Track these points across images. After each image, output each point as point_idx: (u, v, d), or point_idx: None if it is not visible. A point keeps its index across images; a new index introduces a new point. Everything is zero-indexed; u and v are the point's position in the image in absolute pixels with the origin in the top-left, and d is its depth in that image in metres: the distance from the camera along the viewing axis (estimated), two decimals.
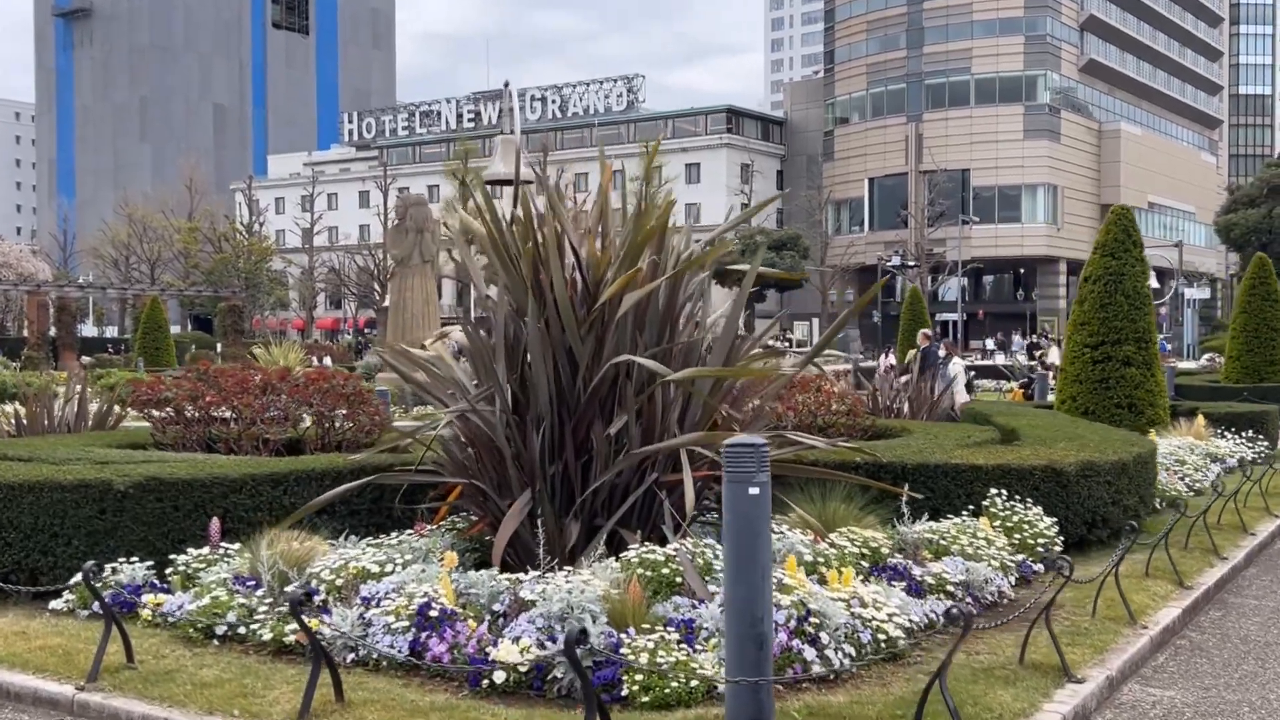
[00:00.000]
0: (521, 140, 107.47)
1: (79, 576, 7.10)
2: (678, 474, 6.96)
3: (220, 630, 6.34)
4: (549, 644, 5.48)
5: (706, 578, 6.30)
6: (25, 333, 62.10)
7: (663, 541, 6.79)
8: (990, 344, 68.09)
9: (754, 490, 4.58)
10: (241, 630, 6.33)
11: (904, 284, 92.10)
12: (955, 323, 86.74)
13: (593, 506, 6.96)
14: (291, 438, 9.85)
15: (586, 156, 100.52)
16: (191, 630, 6.39)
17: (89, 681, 5.67)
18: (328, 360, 44.45)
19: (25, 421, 11.33)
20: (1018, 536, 7.85)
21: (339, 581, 6.57)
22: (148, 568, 7.18)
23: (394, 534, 7.77)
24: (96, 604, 6.88)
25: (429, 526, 7.64)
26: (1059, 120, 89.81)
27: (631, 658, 5.20)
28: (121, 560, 7.25)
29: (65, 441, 9.70)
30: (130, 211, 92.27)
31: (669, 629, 5.58)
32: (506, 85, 27.42)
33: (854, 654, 5.64)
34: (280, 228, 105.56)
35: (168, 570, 7.23)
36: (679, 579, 6.21)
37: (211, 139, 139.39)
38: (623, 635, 5.47)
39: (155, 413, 9.88)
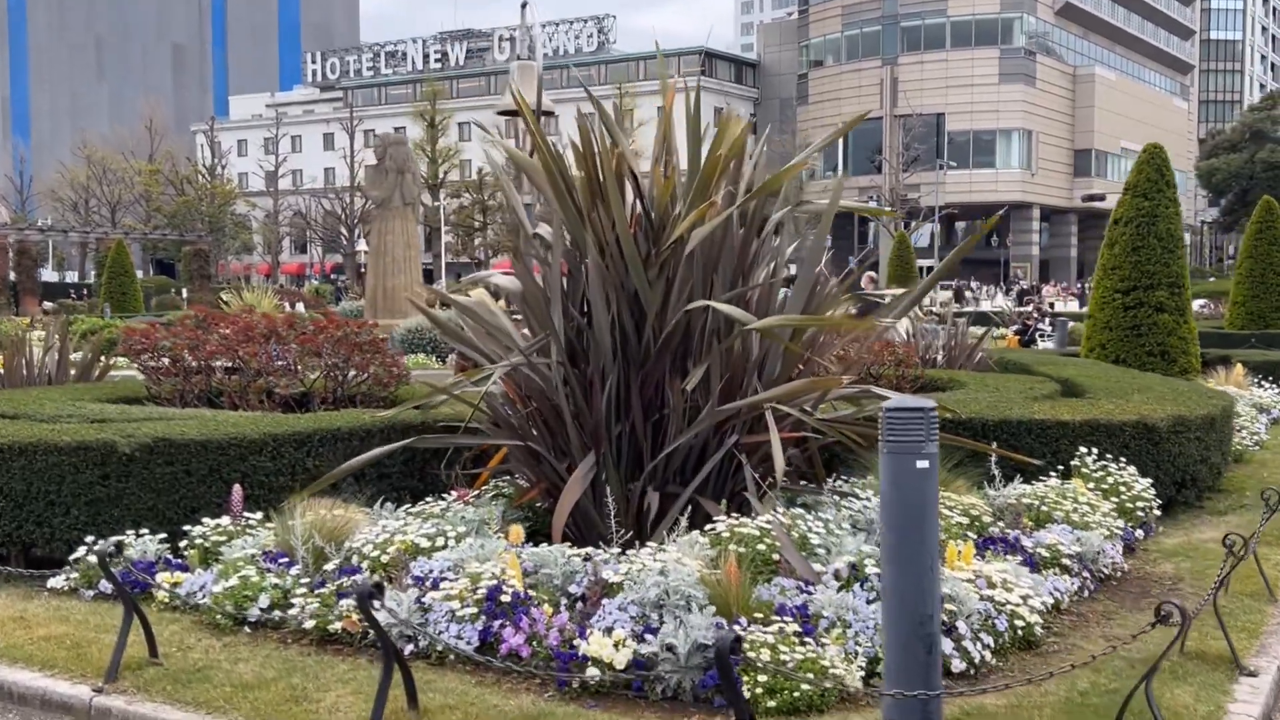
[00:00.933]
0: (491, 81, 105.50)
1: (81, 550, 6.29)
2: (759, 435, 6.21)
3: (252, 616, 5.54)
4: (649, 637, 4.73)
5: (805, 553, 5.57)
6: None
7: (741, 512, 6.06)
8: (980, 289, 67.42)
9: (922, 464, 3.83)
10: (276, 615, 5.54)
11: (876, 229, 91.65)
12: (931, 269, 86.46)
13: (665, 472, 6.20)
14: (298, 392, 8.99)
15: (558, 99, 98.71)
16: (219, 616, 5.58)
17: (107, 681, 4.86)
18: (300, 306, 43.25)
19: (3, 372, 10.39)
20: (1114, 500, 7.18)
21: (384, 558, 5.78)
22: (160, 541, 6.36)
23: (429, 500, 6.99)
24: (105, 583, 6.07)
25: (472, 493, 6.86)
26: (1034, 64, 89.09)
27: (752, 654, 4.47)
28: (130, 533, 6.42)
29: (50, 395, 8.80)
30: (89, 153, 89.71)
31: (784, 618, 4.85)
32: (525, 5, 26.15)
33: (992, 644, 4.95)
34: (243, 170, 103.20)
35: (182, 544, 6.42)
36: (775, 556, 5.48)
37: (170, 79, 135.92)
38: (735, 626, 4.73)
39: (151, 363, 8.98)
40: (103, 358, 11.44)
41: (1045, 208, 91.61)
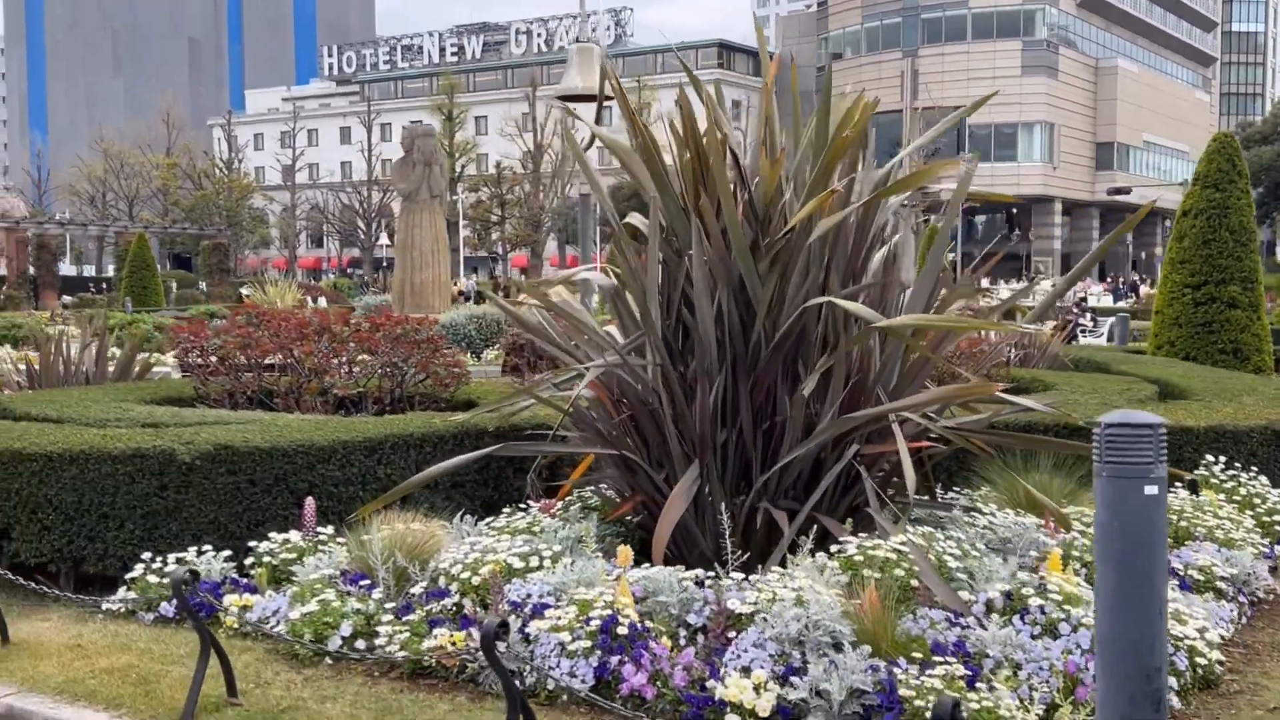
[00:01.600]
0: (508, 75, 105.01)
1: (139, 569, 5.78)
2: (880, 445, 5.66)
3: (334, 645, 5.01)
4: (795, 679, 4.18)
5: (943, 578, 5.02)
6: (3, 271, 60.03)
7: (859, 529, 5.51)
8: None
9: (1150, 489, 3.28)
10: (360, 644, 5.01)
11: (894, 222, 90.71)
12: (955, 264, 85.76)
13: (779, 486, 5.65)
14: (356, 392, 8.46)
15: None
16: (297, 646, 5.06)
17: None
18: (322, 301, 42.81)
19: (39, 370, 9.90)
20: (1250, 514, 6.61)
21: (475, 580, 5.24)
22: (226, 558, 5.84)
23: (506, 511, 6.46)
24: (166, 605, 5.56)
25: (556, 505, 6.32)
26: (1057, 56, 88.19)
27: (920, 701, 3.92)
28: (192, 550, 5.90)
29: (93, 395, 8.29)
30: (106, 147, 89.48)
31: (945, 657, 4.30)
32: None
33: (1175, 686, 4.39)
34: (259, 164, 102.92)
35: (247, 561, 5.90)
36: (913, 583, 4.92)
37: (187, 73, 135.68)
38: (894, 669, 4.18)
39: (198, 361, 8.47)
40: (140, 355, 10.93)
41: (1067, 201, 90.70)
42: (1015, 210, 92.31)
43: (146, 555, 5.87)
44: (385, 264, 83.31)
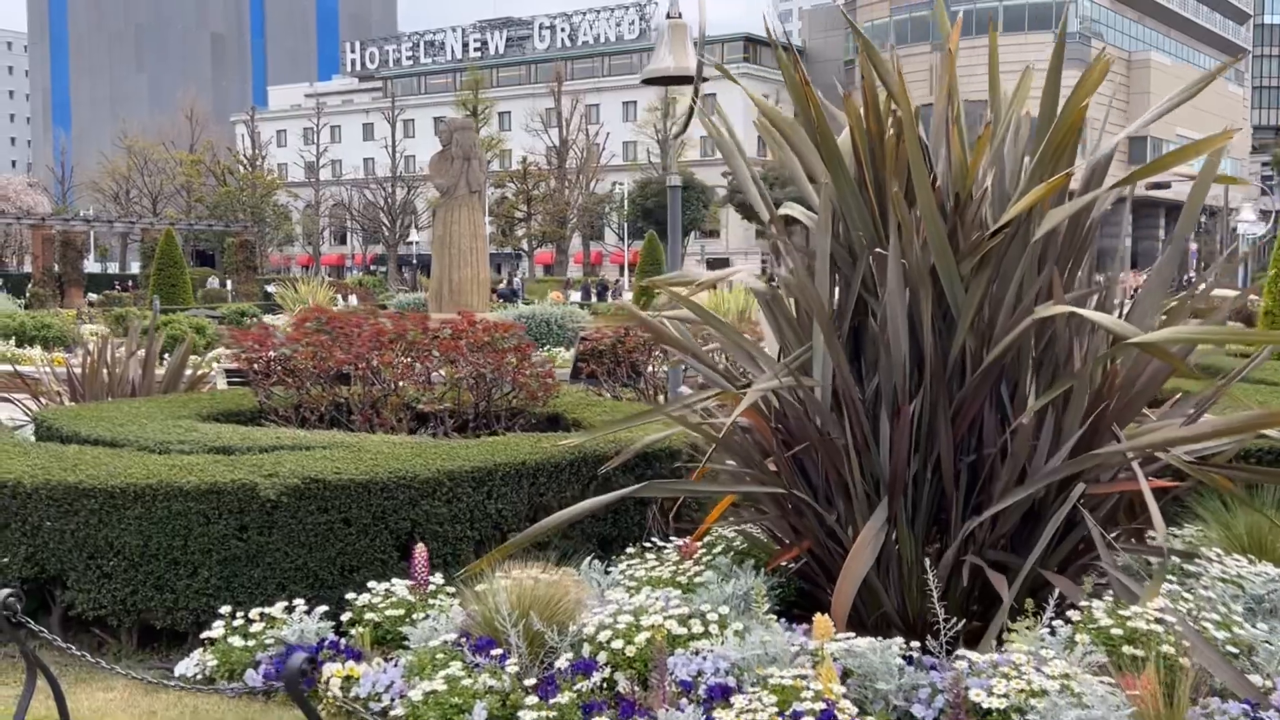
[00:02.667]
0: (532, 70, 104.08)
1: (219, 627, 4.88)
2: (1112, 484, 4.70)
3: None
4: None
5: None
6: (28, 268, 59.45)
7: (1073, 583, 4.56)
8: None
9: None
10: None
11: None
12: None
13: (991, 534, 4.70)
14: (446, 408, 7.53)
15: (599, 87, 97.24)
16: None
17: None
18: (353, 299, 42.03)
19: (83, 380, 9.02)
20: None
21: (630, 651, 4.32)
22: (323, 615, 4.93)
23: (632, 552, 5.55)
24: (253, 673, 4.65)
25: (698, 547, 5.38)
26: (1089, 49, 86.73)
27: None
28: (280, 604, 4.99)
29: (146, 411, 7.41)
30: (130, 143, 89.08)
31: None
32: None
33: None
34: (282, 161, 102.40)
35: (344, 616, 4.99)
36: (1182, 661, 3.97)
37: (210, 69, 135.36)
38: None
39: (260, 369, 7.57)
40: (188, 361, 10.05)
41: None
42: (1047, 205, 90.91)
43: (225, 609, 4.97)
44: (415, 261, 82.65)
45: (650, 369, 10.73)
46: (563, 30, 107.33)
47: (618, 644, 4.36)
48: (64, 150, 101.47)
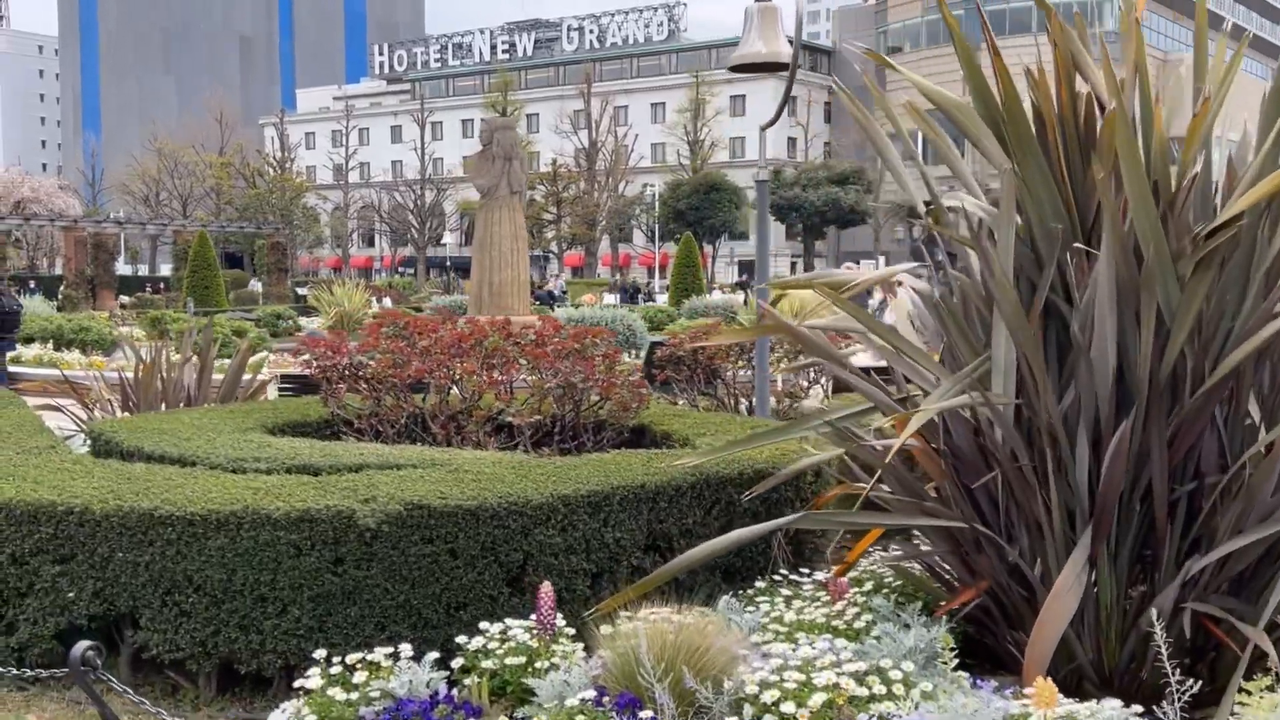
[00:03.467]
0: (560, 72, 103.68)
1: (314, 676, 4.27)
2: None
3: None
4: None
5: None
6: (59, 271, 59.37)
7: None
8: None
9: None
10: None
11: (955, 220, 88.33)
12: None
13: (1215, 578, 4.05)
14: (534, 420, 6.92)
15: (628, 89, 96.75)
16: None
17: None
18: (387, 301, 41.60)
19: (136, 387, 8.47)
20: None
21: (803, 715, 3.69)
22: (434, 663, 4.31)
23: (762, 586, 4.93)
24: None
25: (847, 585, 4.75)
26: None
27: None
28: (381, 649, 4.38)
29: (209, 423, 6.84)
30: (160, 146, 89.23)
31: None
32: None
33: None
34: (310, 163, 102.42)
35: (454, 663, 4.39)
36: None
37: (238, 72, 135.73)
38: None
39: (332, 377, 6.99)
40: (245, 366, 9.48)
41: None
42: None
43: (319, 653, 4.36)
44: (449, 264, 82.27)
45: (730, 375, 10.11)
46: (591, 32, 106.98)
47: (788, 707, 3.73)
48: (94, 153, 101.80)
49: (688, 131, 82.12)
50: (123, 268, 77.33)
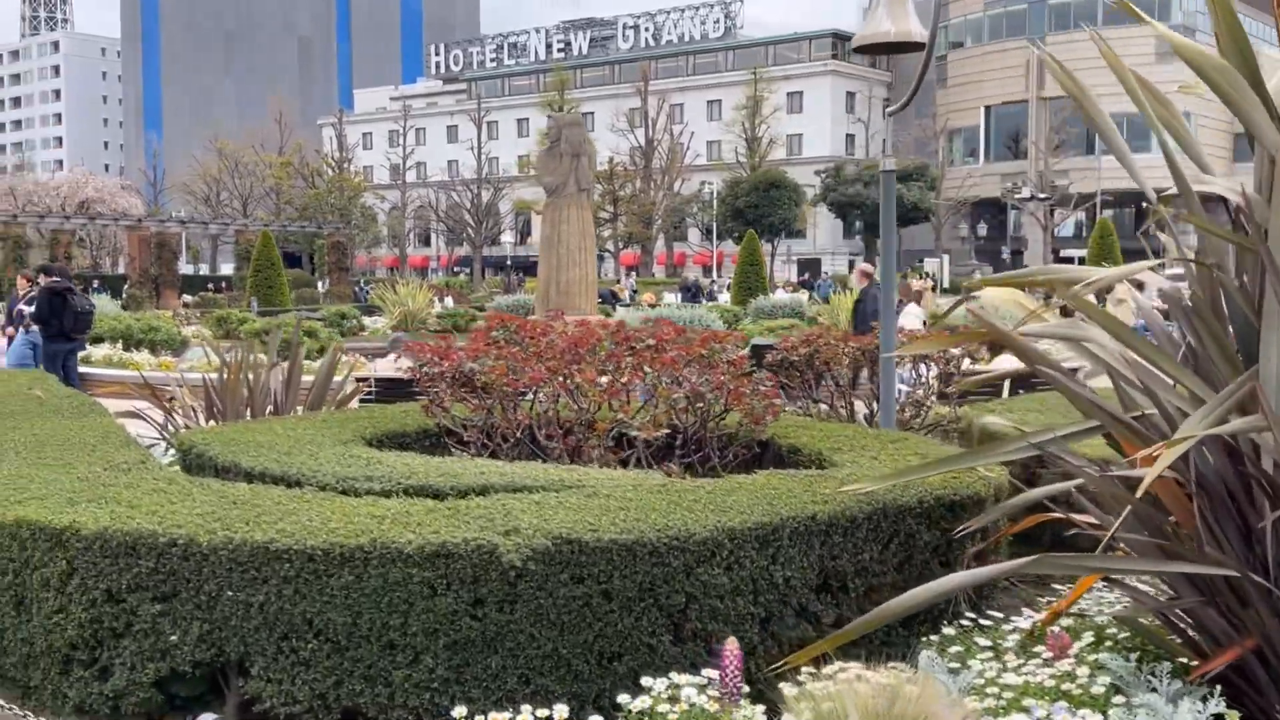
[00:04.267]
0: (616, 70, 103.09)
1: None
2: None
3: None
4: None
5: None
6: (121, 270, 59.91)
7: None
8: None
9: None
10: None
11: (1016, 219, 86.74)
12: (1080, 259, 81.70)
13: None
14: (663, 434, 6.28)
15: (683, 86, 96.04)
16: None
17: None
18: (449, 301, 41.30)
19: (222, 393, 7.96)
20: None
21: None
22: None
23: (951, 635, 4.26)
24: None
25: (1069, 639, 4.06)
26: (1195, 42, 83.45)
27: None
28: (529, 708, 3.77)
29: (307, 435, 6.28)
30: (221, 146, 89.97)
31: None
32: None
33: None
34: (368, 164, 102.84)
35: None
36: None
37: (296, 73, 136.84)
38: None
39: (440, 386, 6.41)
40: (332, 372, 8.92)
41: (1204, 195, 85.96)
42: (1146, 205, 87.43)
43: (459, 711, 3.76)
44: (509, 263, 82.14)
45: (841, 380, 9.42)
46: (646, 30, 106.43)
47: None
48: (156, 154, 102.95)
49: (745, 129, 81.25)
50: (184, 267, 78.08)
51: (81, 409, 7.35)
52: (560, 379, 6.16)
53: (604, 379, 6.20)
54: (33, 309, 15.04)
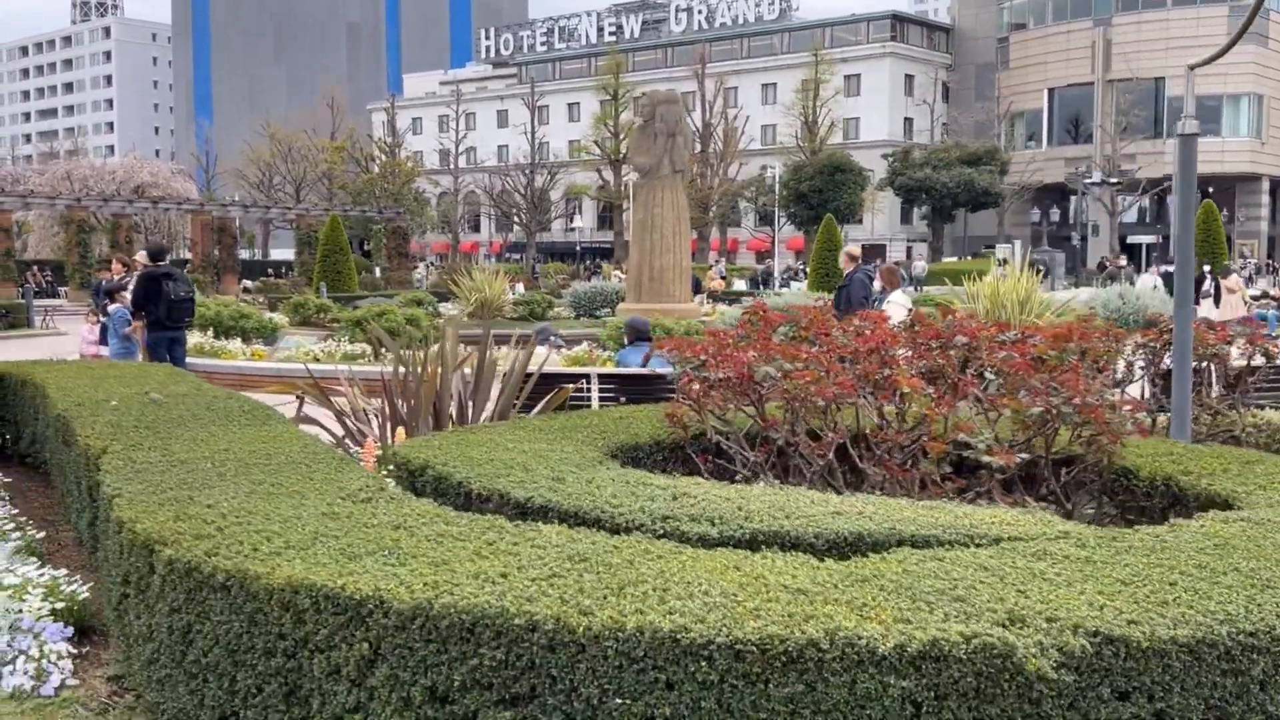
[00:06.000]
0: (668, 54, 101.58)
1: None
2: None
3: None
4: None
5: None
6: (186, 255, 59.41)
7: None
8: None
9: None
10: None
11: (1079, 204, 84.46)
12: (1148, 245, 79.45)
13: None
14: (1023, 459, 5.02)
15: (738, 69, 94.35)
16: None
17: None
18: (520, 288, 40.20)
19: (408, 394, 6.80)
20: None
21: None
22: None
23: None
24: None
25: None
26: (1267, 22, 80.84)
27: None
28: None
29: (542, 449, 5.11)
30: (273, 132, 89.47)
31: None
32: None
33: None
34: (418, 149, 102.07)
35: None
36: None
37: (345, 59, 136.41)
38: None
39: (715, 398, 5.21)
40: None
41: (1275, 179, 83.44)
42: (1212, 190, 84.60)
43: None
44: (579, 250, 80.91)
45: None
46: (699, 12, 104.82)
47: None
48: (208, 139, 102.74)
49: (806, 111, 79.50)
50: (243, 253, 77.66)
51: (256, 414, 6.22)
52: (872, 386, 4.92)
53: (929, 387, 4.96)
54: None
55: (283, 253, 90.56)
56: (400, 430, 6.27)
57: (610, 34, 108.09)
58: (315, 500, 4.18)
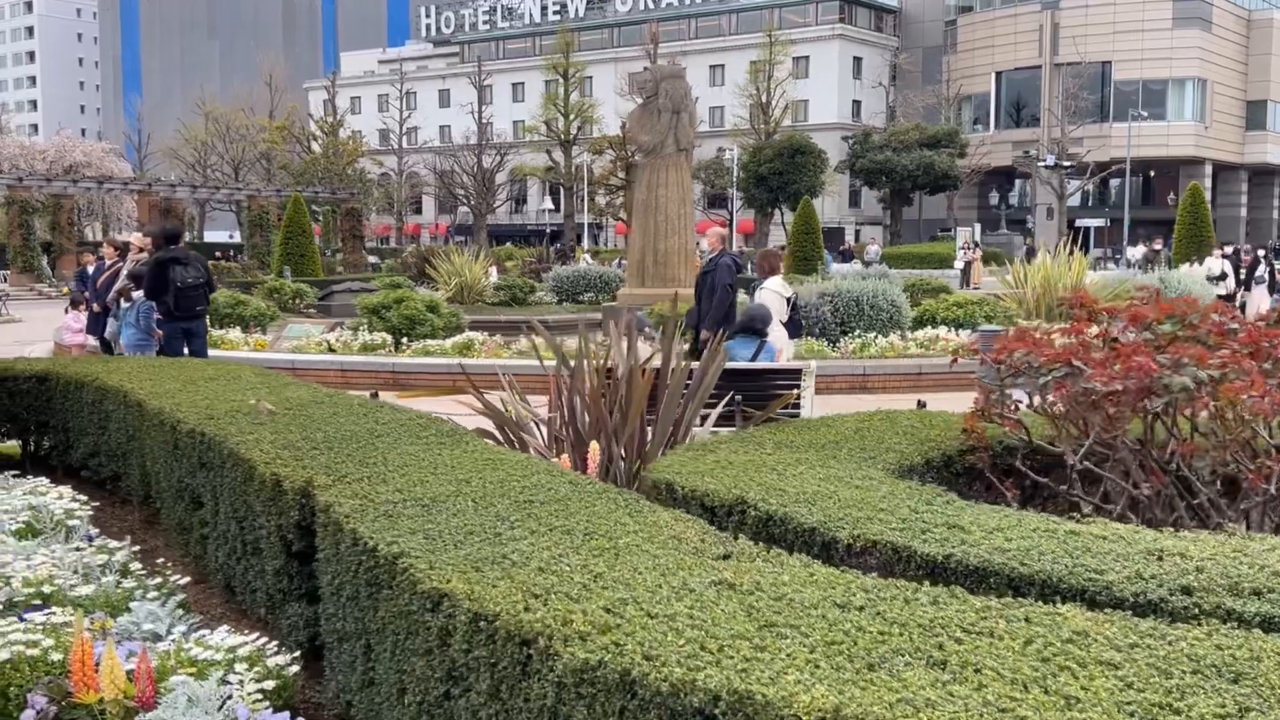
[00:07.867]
0: (614, 34, 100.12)
1: None
2: None
3: None
4: None
5: None
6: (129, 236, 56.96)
7: None
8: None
9: None
10: None
11: (1024, 188, 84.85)
12: (1094, 229, 80.00)
13: None
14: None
15: (685, 49, 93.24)
16: None
17: None
18: (494, 272, 38.83)
19: (587, 403, 5.75)
20: None
21: None
22: None
23: None
24: None
25: None
26: (1210, 8, 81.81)
27: None
28: None
29: (823, 471, 4.16)
30: (209, 110, 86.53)
31: None
32: None
33: None
34: (357, 129, 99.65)
35: None
36: None
37: (280, 35, 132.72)
38: None
39: (1093, 415, 4.25)
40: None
41: (1217, 163, 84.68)
42: (1154, 173, 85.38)
43: None
44: (548, 233, 79.29)
45: None
46: None
47: None
48: (140, 117, 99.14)
49: (758, 92, 78.66)
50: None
51: (430, 426, 5.13)
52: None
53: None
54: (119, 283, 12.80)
55: (217, 234, 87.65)
56: (594, 445, 5.22)
57: (555, 13, 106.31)
58: (664, 557, 3.15)
